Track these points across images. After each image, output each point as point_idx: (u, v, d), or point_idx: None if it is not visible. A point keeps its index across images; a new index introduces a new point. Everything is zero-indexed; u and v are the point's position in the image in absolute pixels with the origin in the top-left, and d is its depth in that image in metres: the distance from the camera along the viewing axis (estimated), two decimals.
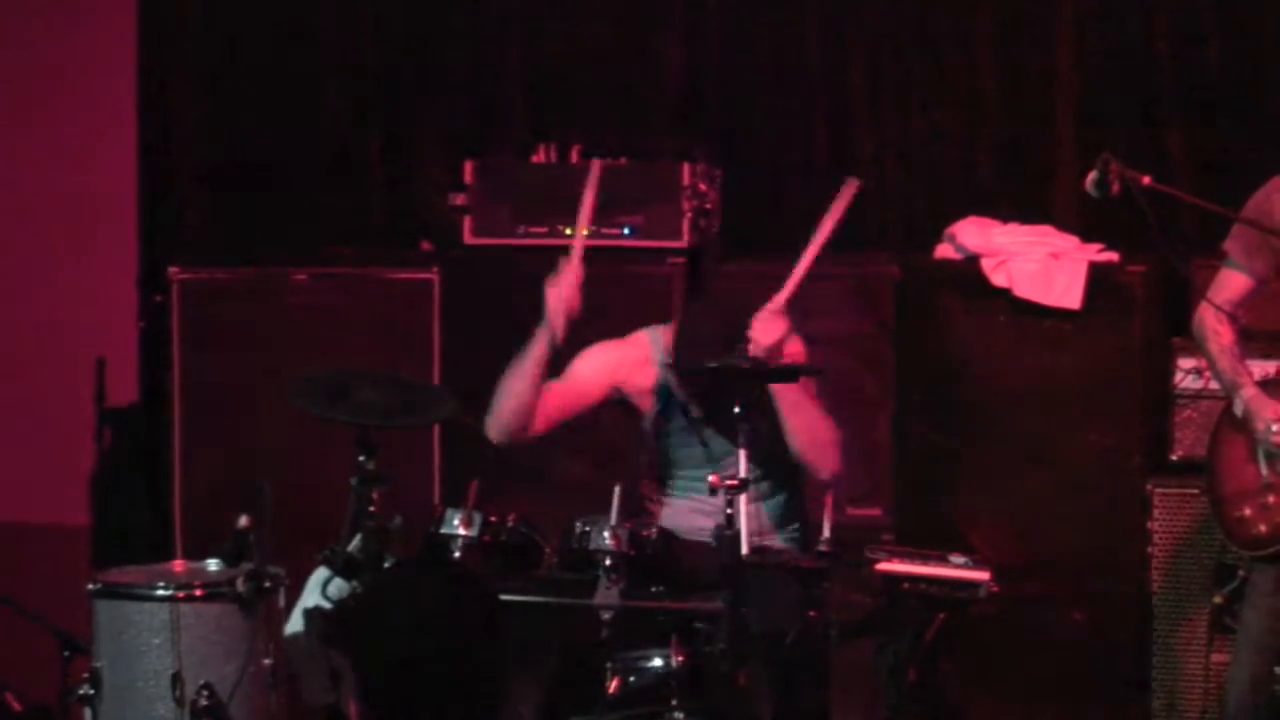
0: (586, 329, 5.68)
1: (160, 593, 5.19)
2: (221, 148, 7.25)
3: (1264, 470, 5.09)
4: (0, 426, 5.41)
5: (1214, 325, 5.22)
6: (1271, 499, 5.07)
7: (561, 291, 5.40)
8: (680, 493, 5.64)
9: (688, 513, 5.56)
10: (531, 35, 7.06)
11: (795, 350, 5.46)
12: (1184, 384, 5.98)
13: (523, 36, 7.07)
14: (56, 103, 6.03)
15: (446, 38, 7.10)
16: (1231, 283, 5.22)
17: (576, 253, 5.44)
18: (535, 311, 5.96)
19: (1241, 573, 5.37)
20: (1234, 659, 5.34)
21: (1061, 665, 6.06)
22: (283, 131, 7.17)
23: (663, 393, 5.61)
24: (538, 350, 5.42)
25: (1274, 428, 5.02)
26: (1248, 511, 5.13)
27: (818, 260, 5.43)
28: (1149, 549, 5.95)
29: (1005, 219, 6.35)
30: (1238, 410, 5.14)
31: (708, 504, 5.36)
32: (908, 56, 6.83)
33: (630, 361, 5.64)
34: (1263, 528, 5.09)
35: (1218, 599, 5.72)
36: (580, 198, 5.53)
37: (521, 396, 5.47)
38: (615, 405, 5.68)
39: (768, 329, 5.22)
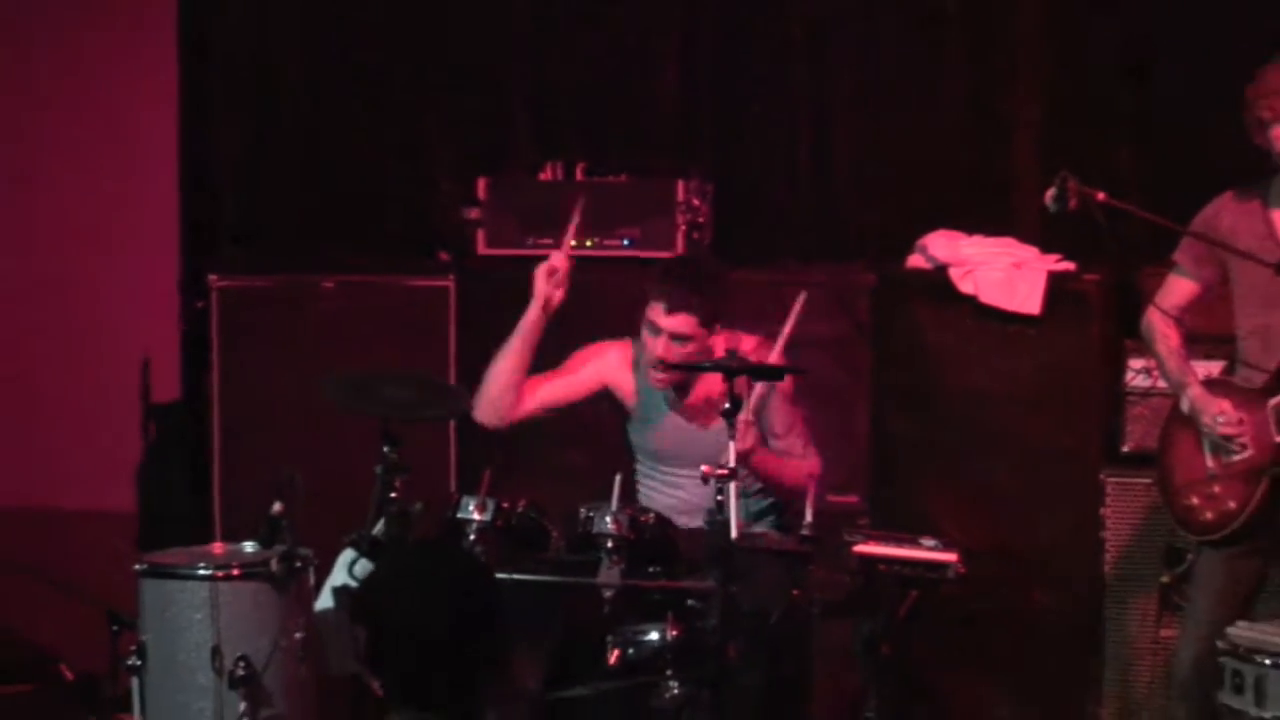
0: (588, 330, 5.73)
1: (201, 572, 5.21)
2: (257, 166, 7.23)
3: (1210, 461, 5.08)
4: (54, 421, 5.41)
5: (1162, 328, 5.23)
6: (1217, 488, 5.06)
7: (547, 272, 5.47)
8: (644, 478, 5.70)
9: (662, 499, 5.61)
10: (538, 63, 7.05)
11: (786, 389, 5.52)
12: (1135, 382, 5.97)
13: (530, 65, 7.06)
14: (100, 123, 6.02)
15: (462, 66, 7.08)
16: (1179, 289, 5.23)
17: (565, 245, 5.55)
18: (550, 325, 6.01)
19: (1189, 556, 5.36)
20: (1181, 634, 5.33)
21: (1023, 639, 6.05)
22: (313, 151, 7.16)
23: (644, 393, 5.64)
24: (524, 329, 5.49)
25: (1219, 420, 5.01)
26: (1195, 500, 5.12)
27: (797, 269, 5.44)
28: (1103, 534, 5.93)
29: (971, 231, 6.34)
30: (1185, 406, 5.14)
31: (670, 491, 5.55)
32: (885, 84, 6.81)
33: (618, 364, 5.67)
34: (1209, 515, 5.08)
35: (1166, 579, 5.71)
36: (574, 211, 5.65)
37: (507, 375, 5.53)
38: (603, 399, 5.70)
39: (744, 436, 5.20)
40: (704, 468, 5.02)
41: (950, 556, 5.46)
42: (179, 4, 7.17)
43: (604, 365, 5.68)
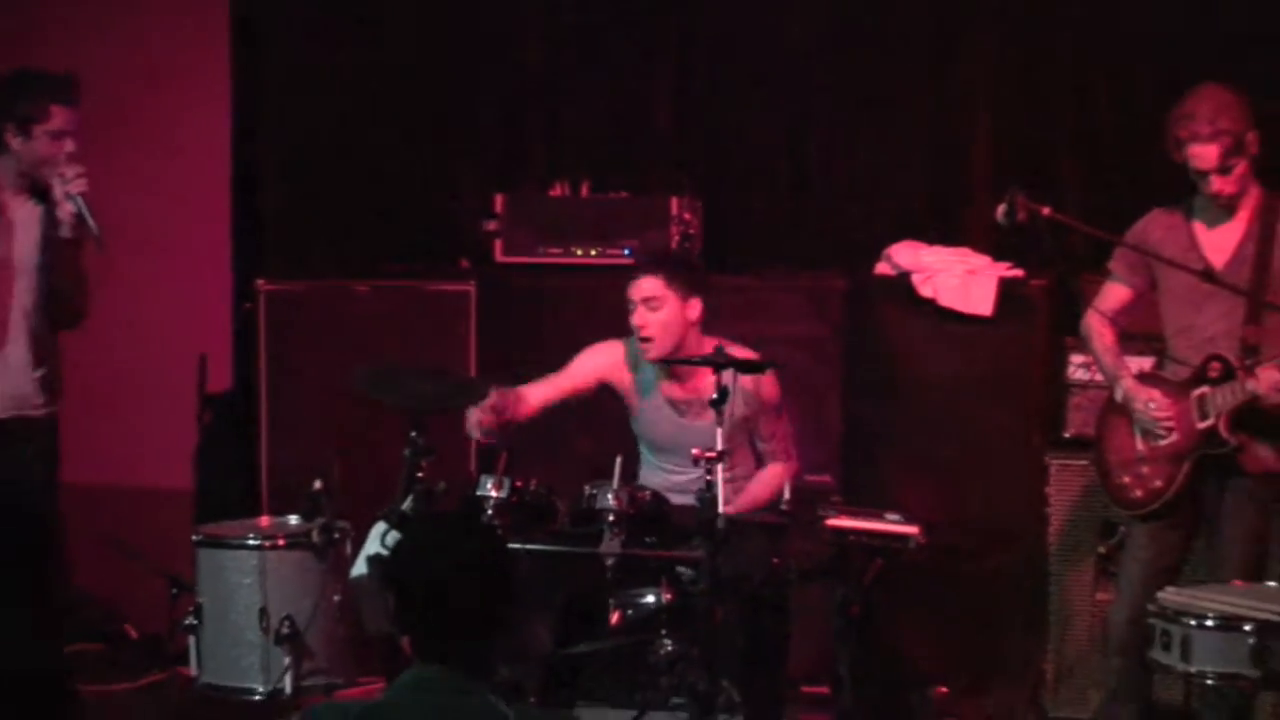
0: (592, 331, 5.73)
1: (250, 543, 5.26)
2: (300, 183, 7.23)
3: (1140, 445, 5.09)
4: (123, 408, 5.42)
5: (1098, 328, 5.23)
6: (1146, 469, 5.07)
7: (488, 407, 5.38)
8: (644, 463, 5.68)
9: (658, 480, 5.59)
10: (550, 95, 7.05)
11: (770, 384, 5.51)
12: (1075, 376, 5.95)
13: (543, 97, 7.06)
14: (159, 146, 6.03)
15: (483, 97, 7.08)
16: (1114, 294, 5.23)
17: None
18: (554, 317, 6.01)
19: (1121, 529, 5.37)
20: (1115, 599, 5.33)
21: (976, 602, 6.06)
22: (349, 171, 7.15)
23: (640, 387, 5.62)
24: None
25: (1150, 406, 5.02)
26: (1127, 479, 5.13)
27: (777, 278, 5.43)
28: (1047, 509, 5.92)
29: (931, 242, 6.35)
30: (1119, 396, 5.15)
31: (666, 477, 5.53)
32: (856, 113, 6.81)
33: (614, 362, 5.64)
34: (1139, 492, 5.10)
35: (1101, 550, 5.72)
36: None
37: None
38: (604, 394, 5.68)
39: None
40: (694, 450, 5.02)
41: (912, 529, 5.46)
42: (231, 35, 7.18)
43: (601, 363, 5.64)
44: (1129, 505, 5.15)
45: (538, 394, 5.54)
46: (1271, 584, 5.09)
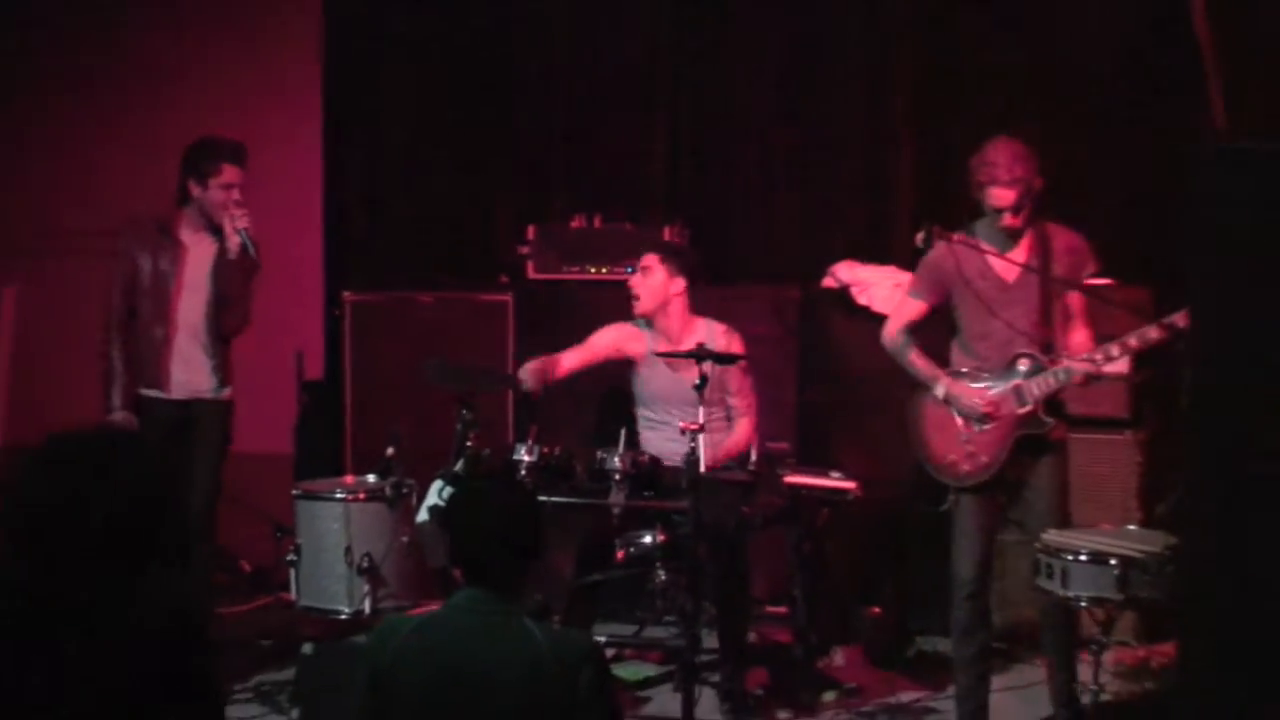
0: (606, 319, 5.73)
1: (338, 496, 5.25)
2: (377, 215, 7.23)
3: (964, 431, 4.83)
4: (239, 394, 5.43)
5: (905, 339, 4.97)
6: (972, 448, 4.82)
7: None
8: (641, 423, 5.62)
9: (655, 439, 5.55)
10: (569, 145, 7.05)
11: (737, 346, 5.51)
12: None
13: (564, 147, 7.06)
14: (265, 186, 6.06)
15: (517, 147, 7.09)
16: (913, 308, 4.96)
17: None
18: (572, 319, 6.01)
19: (951, 495, 4.91)
20: (957, 555, 4.89)
21: (897, 539, 6.02)
22: (414, 206, 7.16)
23: (643, 350, 5.59)
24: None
25: (978, 401, 4.79)
26: (953, 458, 4.85)
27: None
28: None
29: (866, 261, 6.35)
30: (940, 395, 4.84)
31: (659, 428, 5.51)
32: (809, 160, 6.82)
33: (627, 336, 5.64)
34: (967, 467, 4.84)
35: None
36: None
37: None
38: (618, 362, 5.65)
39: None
40: (681, 424, 5.01)
41: (851, 484, 5.49)
42: (323, 107, 7.19)
43: (617, 335, 5.62)
44: (959, 478, 4.83)
45: (569, 360, 5.56)
46: (1132, 526, 5.07)
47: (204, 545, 5.42)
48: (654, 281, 5.51)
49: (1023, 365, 4.80)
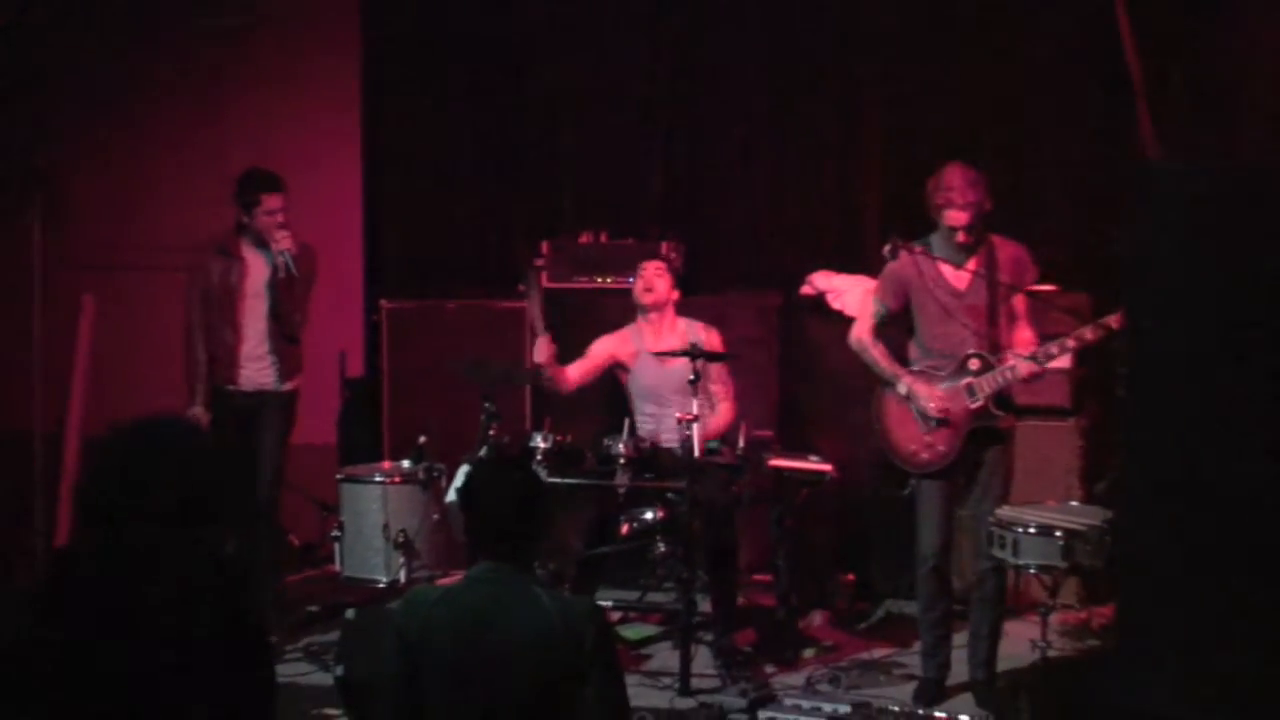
0: (607, 331, 5.68)
1: (377, 480, 5.25)
2: (410, 230, 7.15)
3: (922, 423, 4.79)
4: None
5: (869, 341, 4.93)
6: (929, 439, 4.78)
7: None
8: (639, 416, 5.57)
9: (652, 430, 5.51)
10: (577, 167, 6.99)
11: (716, 340, 5.51)
12: None
13: (573, 169, 7.01)
14: (310, 207, 6.05)
15: (531, 170, 7.05)
16: (877, 311, 4.92)
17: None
18: (581, 323, 5.99)
19: (912, 482, 4.90)
20: (921, 537, 4.84)
21: (866, 517, 5.97)
22: (442, 221, 7.11)
23: (636, 350, 5.58)
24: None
25: (933, 406, 4.75)
26: (914, 448, 4.80)
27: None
28: None
29: (840, 270, 6.31)
30: (902, 391, 4.79)
31: (655, 419, 5.46)
32: (789, 181, 6.76)
33: (619, 341, 5.63)
34: (926, 456, 4.80)
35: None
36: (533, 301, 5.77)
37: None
38: (616, 369, 5.64)
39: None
40: (678, 414, 5.04)
41: (827, 467, 5.49)
42: (361, 134, 7.16)
43: (612, 343, 5.62)
44: (919, 467, 4.78)
45: (573, 372, 5.56)
46: (1074, 503, 5.06)
47: (268, 516, 5.46)
48: (664, 284, 5.56)
49: (974, 364, 4.76)
